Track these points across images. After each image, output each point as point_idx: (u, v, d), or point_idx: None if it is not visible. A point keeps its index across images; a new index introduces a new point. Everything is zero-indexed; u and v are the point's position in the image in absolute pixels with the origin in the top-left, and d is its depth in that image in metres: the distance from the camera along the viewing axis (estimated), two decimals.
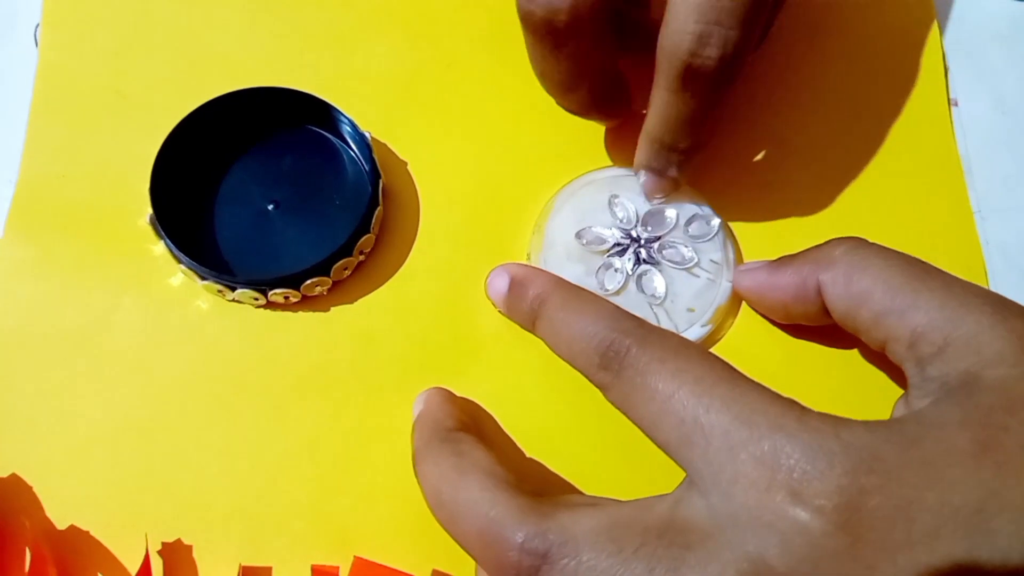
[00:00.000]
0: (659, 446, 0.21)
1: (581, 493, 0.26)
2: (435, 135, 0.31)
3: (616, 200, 0.29)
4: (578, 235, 0.28)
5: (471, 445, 0.23)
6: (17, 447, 0.26)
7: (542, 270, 0.27)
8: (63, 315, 0.28)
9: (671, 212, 0.29)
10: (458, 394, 0.27)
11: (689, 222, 0.29)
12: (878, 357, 0.27)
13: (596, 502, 0.21)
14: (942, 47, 0.33)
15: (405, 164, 0.30)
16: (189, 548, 0.26)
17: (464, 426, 0.25)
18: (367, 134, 0.29)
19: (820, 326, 0.26)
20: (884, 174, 0.31)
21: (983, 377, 0.19)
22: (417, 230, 0.30)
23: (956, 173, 0.31)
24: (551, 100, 0.30)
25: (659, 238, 0.29)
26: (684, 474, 0.20)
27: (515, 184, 0.30)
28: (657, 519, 0.20)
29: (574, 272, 0.28)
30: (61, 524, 0.25)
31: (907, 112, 0.32)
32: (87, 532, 0.25)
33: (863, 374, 0.28)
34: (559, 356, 0.24)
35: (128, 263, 0.28)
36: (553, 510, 0.20)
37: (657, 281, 0.28)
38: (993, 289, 0.29)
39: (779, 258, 0.27)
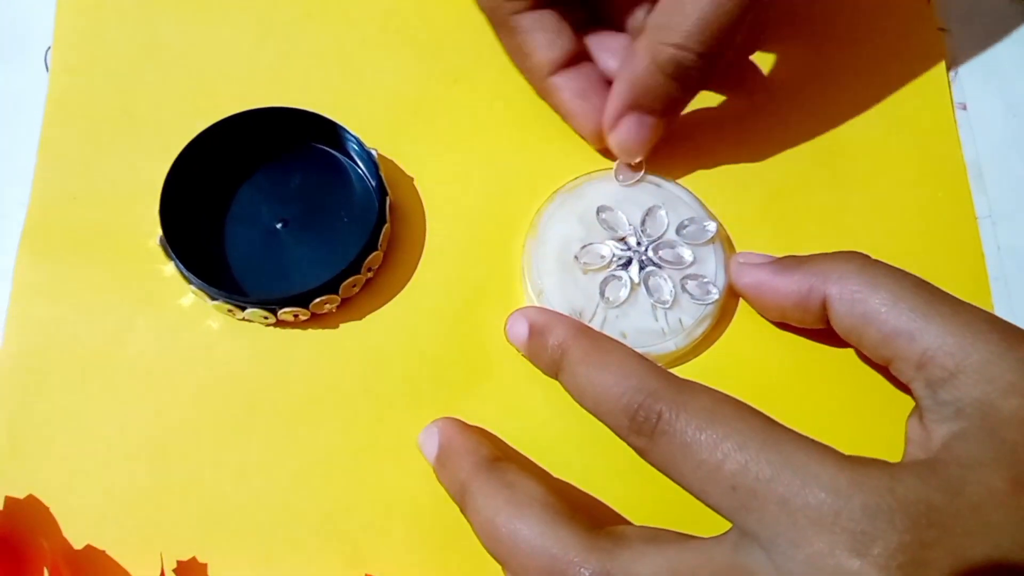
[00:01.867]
0: (710, 508, 0.21)
1: (626, 521, 0.26)
2: (441, 151, 0.31)
3: (605, 212, 0.29)
4: (576, 256, 0.28)
5: (519, 476, 0.23)
6: (33, 468, 0.27)
7: (561, 316, 0.26)
8: (76, 336, 0.28)
9: (663, 212, 0.29)
10: (461, 415, 0.27)
11: (684, 226, 0.29)
12: (876, 366, 0.27)
13: (655, 536, 0.21)
14: (947, 52, 0.33)
15: (411, 180, 0.30)
16: (204, 566, 0.26)
17: (501, 455, 0.25)
18: (373, 151, 0.29)
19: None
20: (888, 180, 0.31)
21: (1000, 408, 0.20)
22: (424, 245, 0.30)
23: (961, 178, 0.31)
24: (555, 115, 0.31)
25: (659, 238, 0.29)
26: None
27: (521, 198, 0.30)
28: (720, 567, 0.20)
29: (575, 293, 0.28)
30: (78, 544, 0.26)
31: (912, 117, 0.32)
32: (103, 551, 0.26)
33: (861, 373, 0.28)
34: (586, 410, 0.23)
35: (140, 284, 0.29)
36: (614, 547, 0.21)
37: (664, 285, 0.28)
38: (1005, 295, 0.29)
39: (782, 258, 0.27)
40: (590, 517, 0.23)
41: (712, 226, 0.29)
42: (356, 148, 0.29)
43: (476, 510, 0.23)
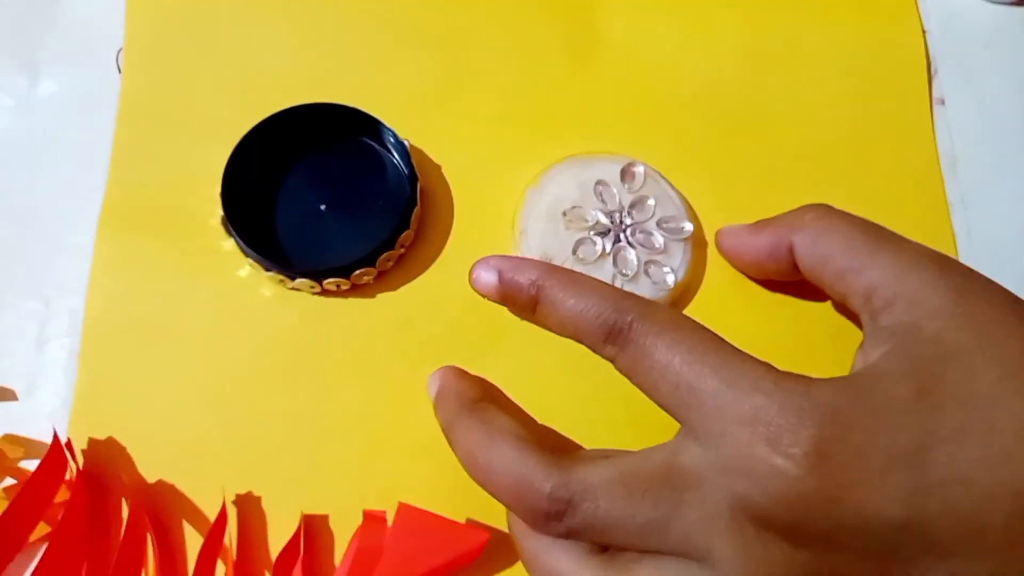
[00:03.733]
0: (659, 406, 0.24)
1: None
2: (466, 140, 0.35)
3: (602, 186, 0.32)
4: (564, 212, 0.32)
5: (495, 413, 0.26)
6: (113, 414, 0.31)
7: (528, 259, 0.27)
8: (148, 303, 0.32)
9: (651, 203, 0.32)
10: (482, 370, 0.30)
11: (665, 221, 0.32)
12: (843, 308, 0.30)
13: (607, 454, 0.24)
14: (928, 52, 0.36)
15: (439, 167, 0.34)
16: (259, 499, 0.30)
17: (484, 396, 0.28)
18: (406, 142, 0.33)
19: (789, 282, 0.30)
20: (865, 171, 0.34)
21: (922, 328, 0.22)
22: (452, 226, 0.34)
23: (934, 168, 0.34)
24: (573, 104, 0.34)
25: (640, 223, 0.32)
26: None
27: (528, 180, 0.34)
28: (659, 466, 0.23)
29: (553, 241, 0.31)
30: (151, 479, 0.30)
31: (891, 112, 0.35)
32: (172, 485, 0.30)
33: (825, 324, 0.31)
34: (564, 335, 0.26)
35: (203, 258, 0.33)
36: (572, 464, 0.24)
37: (631, 257, 0.31)
38: None
39: (757, 221, 0.30)
40: (559, 447, 0.26)
41: (689, 226, 0.32)
42: (392, 139, 0.33)
43: (458, 443, 0.26)
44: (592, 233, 0.32)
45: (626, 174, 0.33)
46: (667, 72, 0.36)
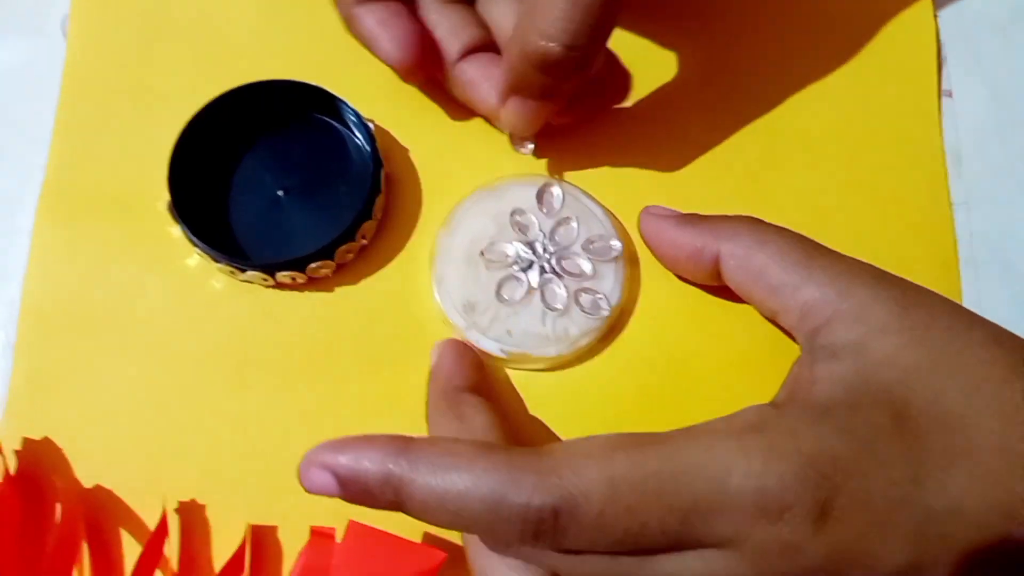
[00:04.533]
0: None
1: None
2: (436, 122, 0.32)
3: (518, 215, 0.30)
4: (482, 252, 0.29)
5: (473, 408, 0.25)
6: (50, 413, 0.29)
7: (368, 439, 0.21)
8: (90, 292, 0.30)
9: (574, 224, 0.30)
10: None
11: (592, 242, 0.30)
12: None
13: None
14: (938, 39, 0.33)
15: (407, 151, 0.32)
16: (203, 507, 0.28)
17: (474, 384, 0.26)
18: (371, 124, 0.30)
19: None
20: (867, 162, 0.32)
21: (872, 348, 0.21)
22: (419, 216, 0.31)
23: (939, 166, 0.32)
24: None
25: (565, 248, 0.30)
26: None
27: (514, 170, 0.31)
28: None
29: (473, 287, 0.29)
30: (88, 483, 0.28)
31: (896, 103, 0.32)
32: (111, 491, 0.28)
33: (766, 332, 0.29)
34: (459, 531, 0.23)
35: (149, 245, 0.31)
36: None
37: (559, 293, 0.29)
38: (976, 281, 0.30)
39: (685, 214, 0.28)
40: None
41: (617, 245, 0.29)
42: (354, 119, 0.31)
43: (432, 426, 0.26)
44: (516, 269, 0.29)
45: (543, 197, 0.30)
46: (651, 50, 0.33)
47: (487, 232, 0.30)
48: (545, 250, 0.30)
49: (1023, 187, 0.32)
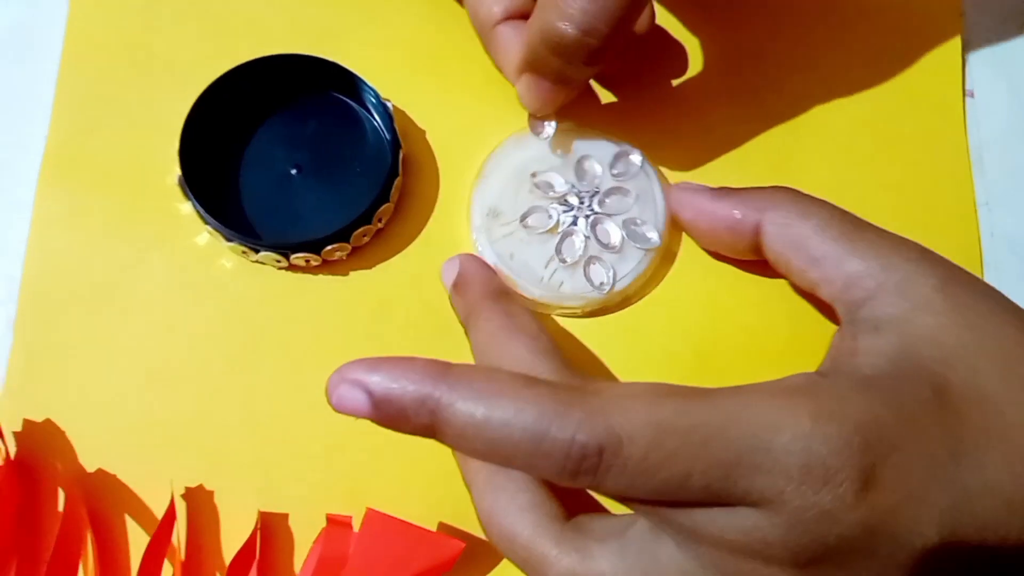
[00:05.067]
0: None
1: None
2: (455, 104, 0.31)
3: (587, 161, 0.30)
4: (534, 174, 0.29)
5: (520, 309, 0.25)
6: (51, 393, 0.28)
7: (409, 360, 0.21)
8: (93, 268, 0.29)
9: (631, 199, 0.29)
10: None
11: (613, 164, 0.30)
12: (808, 296, 0.29)
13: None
14: (964, 37, 0.33)
15: (424, 133, 0.31)
16: (211, 493, 0.27)
17: (509, 291, 0.27)
18: (389, 103, 0.29)
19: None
20: (890, 159, 0.31)
21: (916, 324, 0.22)
22: (436, 199, 0.30)
23: (963, 164, 0.31)
24: None
25: (596, 190, 0.29)
26: None
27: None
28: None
29: (509, 199, 0.29)
30: (90, 467, 0.27)
31: (921, 99, 0.32)
32: (114, 475, 0.27)
33: (789, 325, 0.29)
34: (496, 464, 0.21)
35: (156, 220, 0.29)
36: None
37: (578, 246, 0.29)
38: (996, 281, 0.30)
39: (720, 188, 0.28)
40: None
41: (655, 239, 0.29)
42: (372, 99, 0.30)
43: (477, 329, 0.25)
44: (553, 205, 0.29)
45: (619, 159, 0.30)
46: (685, 41, 0.33)
47: (550, 160, 0.30)
48: (590, 205, 0.29)
49: None
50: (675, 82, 0.32)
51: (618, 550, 0.21)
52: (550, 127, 0.30)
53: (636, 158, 0.30)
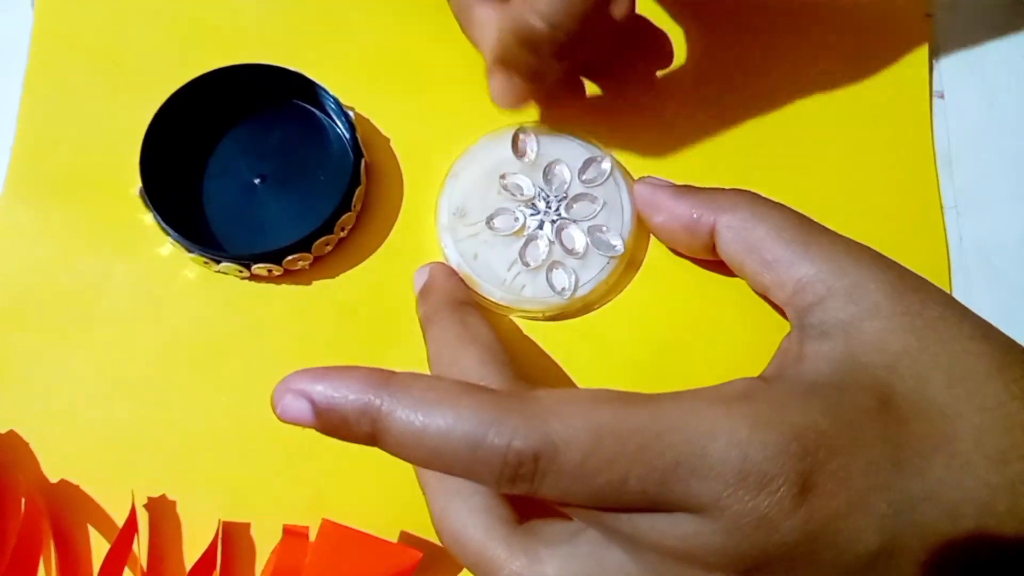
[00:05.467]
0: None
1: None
2: (419, 111, 0.31)
3: (557, 166, 0.30)
4: (503, 176, 0.29)
5: (476, 318, 0.26)
6: (13, 404, 0.28)
7: (347, 369, 0.21)
8: (58, 279, 0.29)
9: (598, 206, 0.29)
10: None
11: (583, 170, 0.30)
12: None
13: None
14: (931, 40, 0.33)
15: (388, 141, 0.31)
16: (173, 503, 0.27)
17: (471, 303, 0.27)
18: (351, 112, 0.29)
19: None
20: (857, 163, 0.31)
21: (863, 330, 0.21)
22: (400, 208, 0.30)
23: (929, 168, 0.31)
24: None
25: (564, 195, 0.29)
26: None
27: None
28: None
29: (477, 199, 0.29)
30: (53, 478, 0.27)
31: (888, 102, 0.32)
32: (76, 486, 0.27)
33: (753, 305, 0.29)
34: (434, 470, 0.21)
35: (120, 231, 0.30)
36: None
37: (542, 251, 0.29)
38: (964, 286, 0.30)
39: (683, 185, 0.28)
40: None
41: (619, 247, 0.29)
42: (333, 107, 0.30)
43: (432, 337, 0.26)
44: (520, 207, 0.29)
45: (589, 165, 0.30)
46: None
47: (519, 163, 0.30)
48: (557, 209, 0.29)
49: (1014, 192, 0.31)
50: (659, 73, 0.32)
51: (566, 555, 0.21)
52: (532, 152, 0.30)
53: (606, 165, 0.30)
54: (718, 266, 0.29)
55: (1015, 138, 0.32)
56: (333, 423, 0.20)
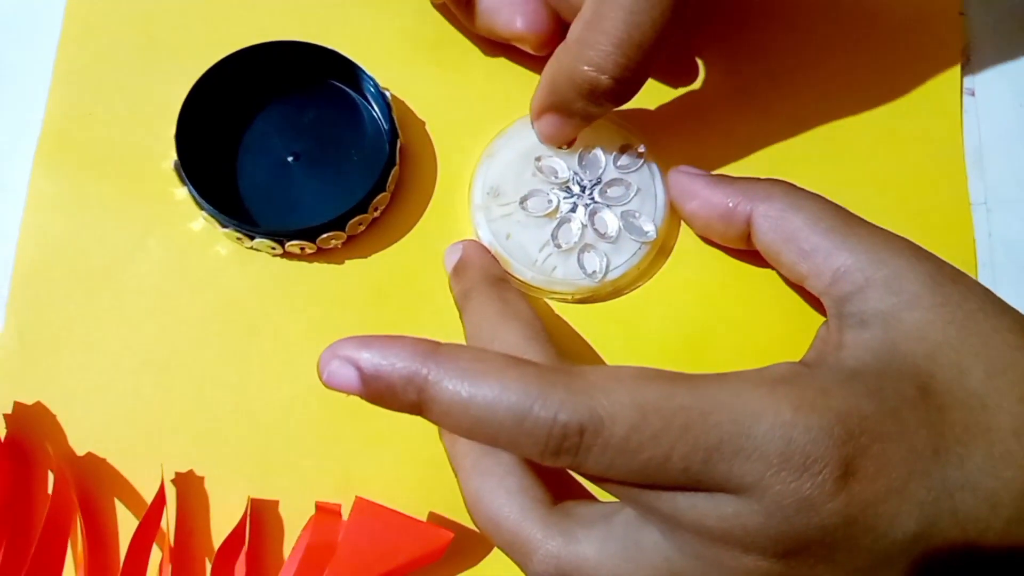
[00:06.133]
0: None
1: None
2: (455, 95, 0.31)
3: (590, 151, 0.30)
4: (538, 158, 0.29)
5: (516, 295, 0.26)
6: (43, 376, 0.28)
7: (398, 339, 0.20)
8: (89, 251, 0.29)
9: (632, 191, 0.29)
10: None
11: (618, 155, 0.30)
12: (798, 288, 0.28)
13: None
14: (964, 36, 0.33)
15: (423, 124, 0.31)
16: (201, 479, 0.27)
17: (506, 278, 0.27)
18: (387, 93, 0.29)
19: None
20: (888, 158, 0.31)
21: (903, 320, 0.22)
22: (434, 190, 0.30)
23: (959, 165, 0.31)
24: None
25: (599, 180, 0.29)
26: None
27: None
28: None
29: (511, 180, 0.29)
30: (80, 451, 0.27)
31: (919, 100, 0.32)
32: (104, 460, 0.27)
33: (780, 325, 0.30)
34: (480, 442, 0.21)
35: (152, 205, 0.29)
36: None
37: (575, 232, 0.29)
38: (991, 282, 0.30)
39: (717, 175, 0.28)
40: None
41: (651, 233, 0.29)
42: (371, 88, 0.30)
43: (471, 311, 0.25)
44: (554, 190, 0.29)
45: (624, 151, 0.30)
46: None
47: (553, 147, 0.29)
48: (591, 195, 0.29)
49: None
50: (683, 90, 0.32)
51: (603, 535, 0.21)
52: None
53: (641, 151, 0.30)
54: (749, 255, 0.29)
55: None
56: (379, 391, 0.20)
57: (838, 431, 0.19)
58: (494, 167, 0.30)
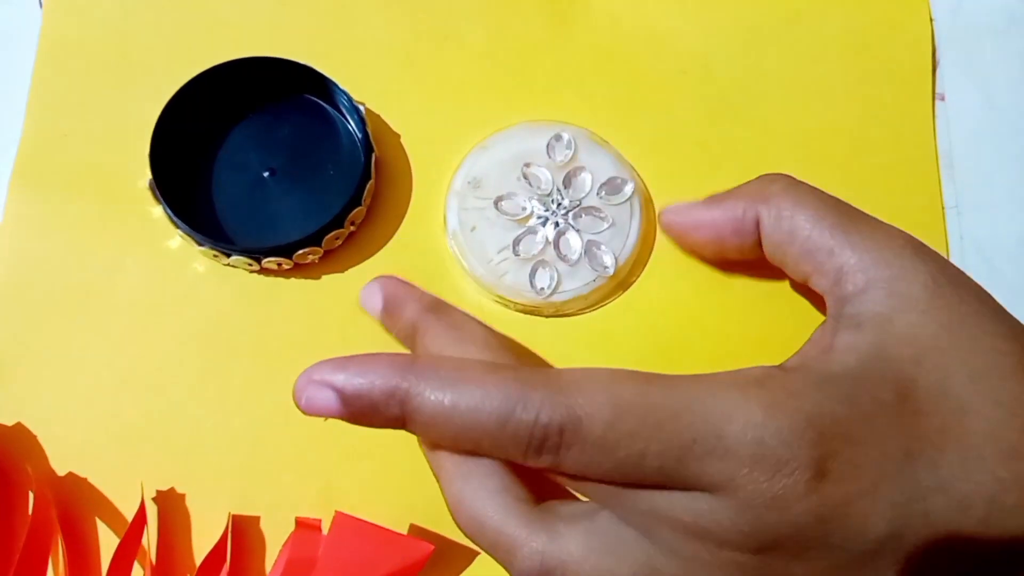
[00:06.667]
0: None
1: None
2: (429, 107, 0.31)
3: (529, 169, 0.30)
4: (528, 165, 0.30)
5: (462, 316, 0.24)
6: (22, 397, 0.28)
7: (374, 356, 0.21)
8: (65, 271, 0.29)
9: (586, 174, 0.30)
10: None
11: (605, 185, 0.30)
12: (800, 287, 0.28)
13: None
14: (933, 42, 0.33)
15: (398, 137, 0.31)
16: (182, 496, 0.27)
17: (443, 301, 0.25)
18: (361, 107, 0.29)
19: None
20: (860, 164, 0.32)
21: (896, 323, 0.22)
22: (409, 203, 0.31)
23: (931, 169, 0.32)
24: (546, 78, 0.31)
25: (578, 204, 0.29)
26: None
27: None
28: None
29: (494, 178, 0.30)
30: (62, 471, 0.27)
31: (890, 105, 0.32)
32: (85, 479, 0.27)
33: (784, 298, 0.30)
34: (466, 450, 0.21)
35: (129, 224, 0.29)
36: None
37: (534, 250, 0.29)
38: None
39: (710, 196, 0.27)
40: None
41: (629, 186, 0.29)
42: (345, 103, 0.30)
43: (424, 347, 0.23)
44: (532, 197, 0.29)
45: (613, 183, 0.30)
46: (654, 42, 0.33)
47: (547, 158, 0.30)
48: (565, 216, 0.29)
49: (1014, 192, 0.32)
50: (644, 82, 0.32)
51: (586, 531, 0.21)
52: (563, 158, 0.30)
53: (628, 188, 0.30)
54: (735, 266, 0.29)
55: (1015, 139, 0.32)
56: (362, 410, 0.20)
57: (810, 434, 0.19)
58: (483, 159, 0.30)
